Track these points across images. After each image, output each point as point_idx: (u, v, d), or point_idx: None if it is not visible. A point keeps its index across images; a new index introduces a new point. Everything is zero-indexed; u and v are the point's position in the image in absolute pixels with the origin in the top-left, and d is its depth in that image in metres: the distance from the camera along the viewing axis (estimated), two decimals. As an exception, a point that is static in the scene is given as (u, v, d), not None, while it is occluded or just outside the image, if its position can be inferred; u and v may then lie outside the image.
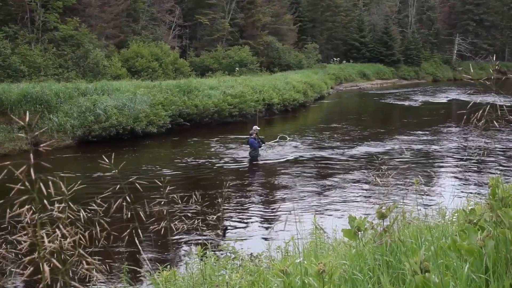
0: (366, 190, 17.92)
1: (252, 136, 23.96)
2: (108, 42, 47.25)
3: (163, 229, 5.04)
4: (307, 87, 50.88)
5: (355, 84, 75.54)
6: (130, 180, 4.14)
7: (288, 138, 28.26)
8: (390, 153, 25.05)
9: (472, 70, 8.81)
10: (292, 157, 24.88)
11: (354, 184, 19.09)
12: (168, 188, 4.91)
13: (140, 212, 4.28)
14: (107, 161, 3.78)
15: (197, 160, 24.43)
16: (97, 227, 3.49)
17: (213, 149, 26.98)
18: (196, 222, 6.17)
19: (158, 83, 37.09)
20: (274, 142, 27.31)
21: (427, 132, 32.20)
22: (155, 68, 46.49)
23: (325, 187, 18.94)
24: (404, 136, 30.82)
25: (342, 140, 29.65)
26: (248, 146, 24.41)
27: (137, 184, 4.17)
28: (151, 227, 5.09)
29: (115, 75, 42.16)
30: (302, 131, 33.30)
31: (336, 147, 27.09)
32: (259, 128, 24.65)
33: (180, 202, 5.69)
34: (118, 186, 3.99)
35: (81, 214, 3.24)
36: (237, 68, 54.95)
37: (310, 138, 30.23)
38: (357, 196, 17.31)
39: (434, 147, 27.23)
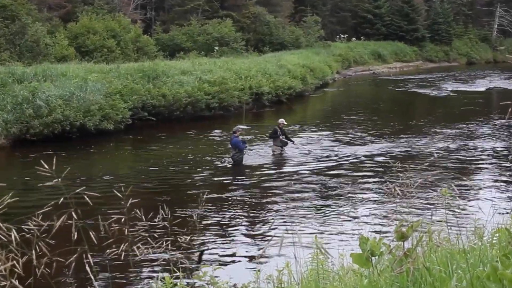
0: (381, 203, 17.91)
1: (236, 135, 23.95)
2: (52, 15, 47.11)
3: (122, 253, 5.01)
4: (306, 72, 51.01)
5: (367, 68, 75.82)
6: (77, 191, 4.11)
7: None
8: (413, 156, 25.07)
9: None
10: (288, 161, 24.90)
11: (366, 196, 19.08)
12: (129, 201, 4.89)
13: (91, 232, 4.24)
14: (47, 167, 3.74)
15: (165, 165, 24.35)
16: (35, 251, 3.46)
17: (186, 152, 26.91)
18: (164, 244, 6.13)
19: (116, 67, 37.03)
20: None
21: (460, 129, 32.34)
22: (111, 48, 46.39)
23: (329, 200, 18.92)
24: (430, 134, 30.91)
25: (351, 139, 29.70)
26: (231, 147, 24.40)
27: (86, 197, 4.14)
28: (107, 250, 5.06)
29: (61, 56, 41.96)
30: (300, 128, 33.34)
31: (343, 149, 27.13)
32: (244, 127, 24.67)
33: (144, 218, 5.67)
34: (62, 199, 3.96)
35: (13, 235, 3.21)
36: (216, 48, 54.94)
37: (310, 137, 30.25)
38: (370, 211, 17.31)
39: (469, 148, 27.33)
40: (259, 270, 8.08)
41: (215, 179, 22.25)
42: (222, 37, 56.89)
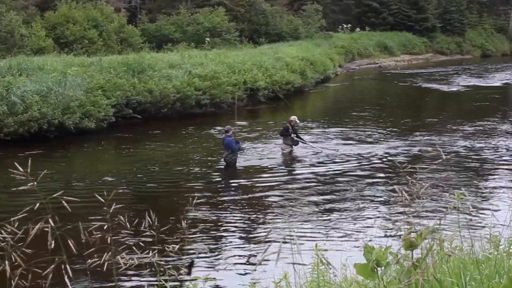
0: (388, 209, 17.94)
1: (228, 135, 23.89)
2: (27, 3, 47.03)
3: (105, 264, 5.00)
4: (306, 66, 50.96)
5: (372, 61, 75.83)
6: (55, 195, 4.10)
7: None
8: (422, 157, 25.09)
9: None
10: (291, 162, 24.94)
11: (371, 201, 19.08)
12: (112, 207, 4.88)
13: (70, 241, 4.23)
14: (22, 169, 3.74)
15: (152, 167, 24.33)
16: (9, 262, 3.45)
17: (174, 152, 26.90)
18: (151, 253, 6.13)
19: (97, 60, 36.97)
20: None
21: (473, 128, 32.38)
22: (92, 39, 46.33)
23: (331, 205, 18.91)
24: (441, 133, 30.91)
25: (354, 139, 29.67)
26: (224, 148, 24.36)
27: (64, 202, 4.13)
28: (88, 261, 5.05)
29: (37, 48, 41.93)
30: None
31: (346, 149, 27.09)
32: (233, 128, 24.67)
33: (128, 225, 5.66)
34: (38, 204, 3.95)
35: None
36: (207, 39, 54.90)
37: (311, 136, 30.23)
38: (375, 217, 17.31)
39: (483, 148, 27.34)
40: (254, 282, 8.08)
41: (207, 182, 22.20)
42: (213, 27, 56.85)
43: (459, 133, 30.92)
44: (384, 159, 25.07)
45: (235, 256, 15.03)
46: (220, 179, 23.09)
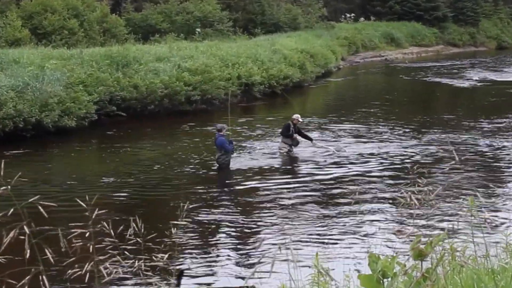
0: (394, 214, 17.95)
1: (221, 134, 23.84)
2: (1, -10, 46.99)
3: (87, 274, 4.99)
4: (306, 59, 50.96)
5: (378, 53, 75.85)
6: (31, 200, 4.09)
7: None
8: (432, 158, 25.10)
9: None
10: (289, 163, 24.97)
11: (376, 206, 19.03)
12: (95, 213, 4.87)
13: (48, 250, 4.22)
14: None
15: (138, 170, 24.30)
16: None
17: (162, 153, 26.89)
18: (136, 263, 6.14)
19: (78, 52, 36.86)
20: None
21: (490, 126, 32.36)
22: (73, 29, 46.21)
23: (332, 211, 18.88)
24: (454, 132, 30.91)
25: (358, 138, 29.66)
26: (216, 148, 24.33)
27: (40, 207, 4.12)
28: (68, 271, 5.05)
29: (13, 40, 41.91)
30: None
31: (350, 149, 27.05)
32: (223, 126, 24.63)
33: (112, 233, 5.66)
34: (12, 210, 3.94)
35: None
36: (198, 30, 54.86)
37: (311, 135, 30.27)
38: (381, 224, 17.32)
39: (499, 148, 27.36)
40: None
41: (198, 186, 22.18)
42: (205, 17, 56.85)
43: (474, 131, 30.82)
44: (392, 160, 25.05)
45: (227, 266, 15.04)
46: (212, 182, 23.08)
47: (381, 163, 24.81)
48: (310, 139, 27.09)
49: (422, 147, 27.26)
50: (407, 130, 31.59)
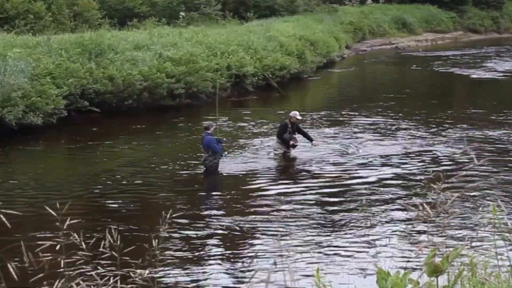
0: (406, 224, 17.94)
1: (208, 132, 23.85)
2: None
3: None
4: (305, 47, 51.13)
5: (388, 40, 76.05)
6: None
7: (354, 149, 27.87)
8: (449, 161, 25.11)
9: None
10: (286, 165, 25.00)
11: (384, 215, 19.07)
12: (66, 222, 4.84)
13: (10, 265, 4.19)
14: None
15: (114, 173, 24.24)
16: None
17: (141, 155, 26.88)
18: (112, 280, 6.11)
19: (45, 39, 36.95)
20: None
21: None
22: (39, 13, 46.30)
23: (335, 220, 18.89)
24: (472, 130, 30.93)
25: (365, 137, 29.68)
26: (203, 149, 24.33)
27: (1, 216, 4.08)
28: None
29: (-29, 27, 41.77)
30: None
31: (354, 150, 27.13)
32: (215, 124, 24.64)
33: (84, 245, 5.63)
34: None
35: None
36: (182, 13, 55.05)
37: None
38: (390, 236, 17.31)
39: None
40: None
41: (182, 191, 22.16)
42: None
43: (494, 130, 30.84)
44: (404, 162, 25.05)
45: (216, 283, 15.03)
46: (198, 187, 23.09)
47: (391, 164, 24.82)
48: (310, 139, 26.89)
49: (436, 148, 27.23)
50: (418, 127, 31.56)
